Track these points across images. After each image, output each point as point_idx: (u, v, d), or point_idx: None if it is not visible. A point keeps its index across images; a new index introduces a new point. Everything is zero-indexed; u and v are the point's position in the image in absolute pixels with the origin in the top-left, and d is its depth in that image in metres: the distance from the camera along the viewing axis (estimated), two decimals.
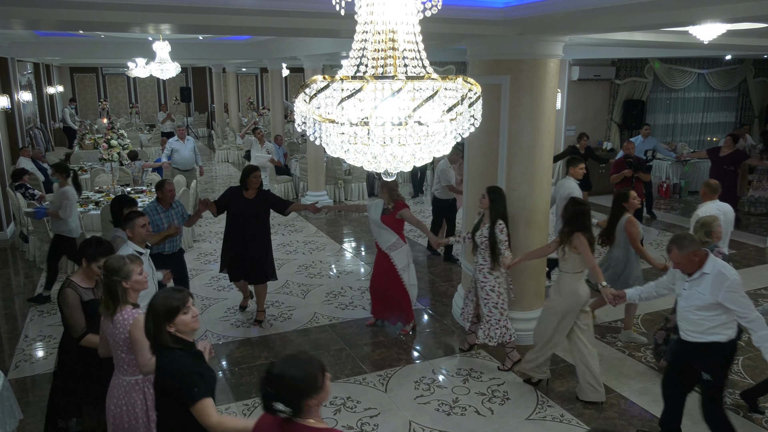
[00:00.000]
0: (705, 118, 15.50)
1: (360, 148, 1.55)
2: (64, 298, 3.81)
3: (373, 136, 1.49)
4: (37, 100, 17.56)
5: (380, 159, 1.55)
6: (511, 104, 5.74)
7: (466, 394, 5.19)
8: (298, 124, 1.63)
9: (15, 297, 7.53)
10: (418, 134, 1.49)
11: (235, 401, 5.09)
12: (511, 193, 5.90)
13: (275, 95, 14.63)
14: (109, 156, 9.30)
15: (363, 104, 1.46)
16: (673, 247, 3.97)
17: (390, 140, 1.48)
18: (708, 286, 3.90)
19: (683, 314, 4.10)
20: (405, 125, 1.46)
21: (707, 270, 3.93)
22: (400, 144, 1.49)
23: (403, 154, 1.53)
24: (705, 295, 3.91)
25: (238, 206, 6.35)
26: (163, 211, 5.87)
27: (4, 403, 3.91)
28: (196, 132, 25.58)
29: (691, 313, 4.02)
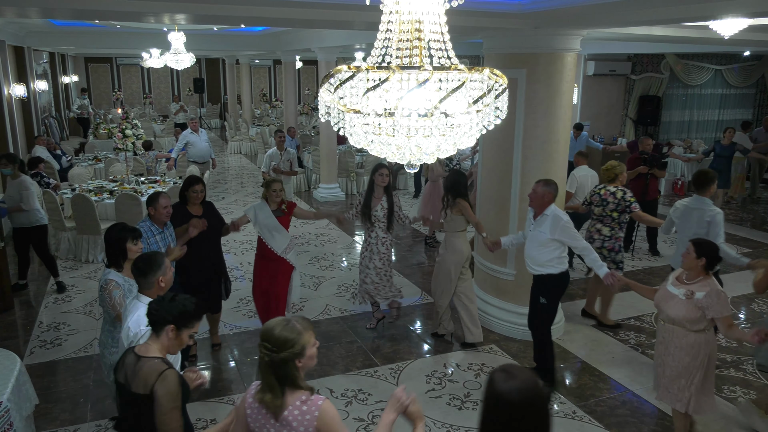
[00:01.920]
0: (721, 115, 15.34)
1: (384, 140, 1.53)
2: (166, 386, 2.62)
3: (398, 127, 1.47)
4: (52, 90, 17.69)
5: (404, 150, 1.54)
6: (527, 98, 5.70)
7: (478, 389, 5.18)
8: (322, 114, 1.62)
9: (30, 283, 7.61)
10: (443, 126, 1.48)
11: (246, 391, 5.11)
12: (525, 187, 5.86)
13: (288, 87, 14.64)
14: (123, 146, 9.35)
15: (388, 95, 1.45)
16: (540, 183, 4.95)
17: (415, 131, 1.47)
18: (548, 226, 4.86)
19: (528, 251, 5.07)
20: (430, 116, 1.45)
21: (548, 213, 4.90)
22: (424, 135, 1.48)
23: (427, 146, 1.52)
24: (545, 233, 4.87)
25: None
26: (158, 231, 4.83)
27: (21, 387, 3.95)
28: (208, 123, 25.68)
29: (533, 250, 5.00)
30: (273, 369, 2.34)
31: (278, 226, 5.67)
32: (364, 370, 5.49)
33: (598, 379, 5.37)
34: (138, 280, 3.35)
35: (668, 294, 4.07)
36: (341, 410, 4.82)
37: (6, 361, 4.05)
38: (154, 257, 3.37)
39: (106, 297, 3.80)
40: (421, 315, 6.66)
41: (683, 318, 3.94)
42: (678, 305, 3.96)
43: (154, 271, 3.29)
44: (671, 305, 4.01)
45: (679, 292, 3.99)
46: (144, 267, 3.31)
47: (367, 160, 13.15)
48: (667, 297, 4.07)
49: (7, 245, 6.88)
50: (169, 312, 2.71)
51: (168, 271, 3.37)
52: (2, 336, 6.12)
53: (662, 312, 4.12)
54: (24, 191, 6.97)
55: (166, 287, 3.35)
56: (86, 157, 12.92)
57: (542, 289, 5.04)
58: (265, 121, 20.89)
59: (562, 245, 4.89)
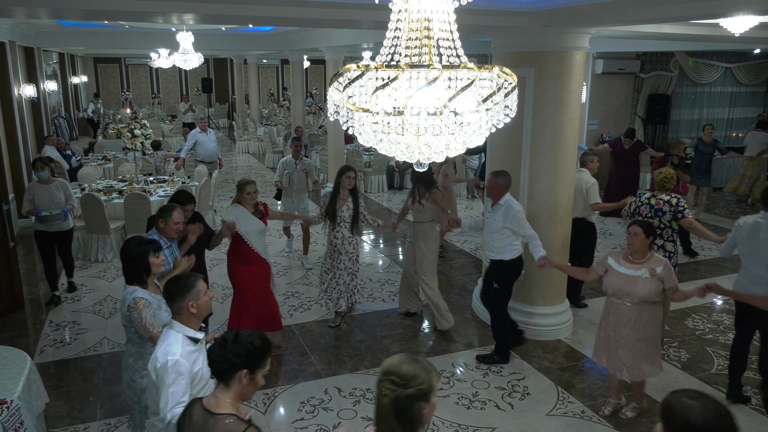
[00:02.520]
0: (731, 114, 15.21)
1: (393, 138, 1.53)
2: None
3: (407, 126, 1.47)
4: (61, 90, 17.79)
5: (413, 149, 1.53)
6: (535, 97, 5.68)
7: (486, 389, 5.17)
8: (330, 113, 1.61)
9: (39, 283, 7.66)
10: (452, 124, 1.47)
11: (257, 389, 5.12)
12: (533, 186, 5.85)
13: (296, 87, 14.66)
14: (132, 145, 9.39)
15: (397, 93, 1.44)
16: (492, 174, 5.36)
17: (424, 130, 1.46)
18: (501, 215, 5.21)
19: (485, 237, 5.44)
20: (440, 115, 1.44)
21: (502, 202, 5.24)
22: (434, 134, 1.47)
23: (437, 145, 1.52)
24: (498, 221, 5.22)
25: None
26: (166, 245, 4.44)
27: (32, 386, 3.98)
28: (216, 123, 25.76)
29: (489, 236, 5.35)
30: (396, 409, 2.03)
31: (263, 228, 5.65)
32: (372, 369, 5.48)
33: (606, 379, 5.33)
34: (168, 304, 3.04)
35: (630, 277, 4.29)
36: (349, 409, 4.82)
37: (17, 359, 4.07)
38: (185, 280, 3.01)
39: (135, 317, 3.43)
40: (428, 315, 6.65)
41: (652, 294, 4.23)
42: (645, 284, 4.22)
43: (183, 295, 2.93)
44: (638, 286, 4.24)
45: (642, 272, 4.25)
46: (174, 290, 2.97)
47: (374, 159, 13.15)
48: (630, 279, 4.28)
49: (17, 245, 6.88)
50: (236, 355, 2.33)
51: (201, 295, 2.98)
52: (13, 335, 6.16)
53: (629, 295, 4.29)
54: (68, 191, 6.94)
55: (199, 314, 3.00)
56: (95, 157, 12.99)
57: (495, 275, 5.43)
58: (272, 120, 20.93)
59: (513, 233, 5.24)
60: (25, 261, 8.52)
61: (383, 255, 8.85)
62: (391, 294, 7.18)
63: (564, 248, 6.05)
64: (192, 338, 2.94)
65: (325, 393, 5.07)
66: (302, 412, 4.78)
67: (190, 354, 2.88)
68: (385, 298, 7.10)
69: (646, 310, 4.30)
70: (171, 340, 2.89)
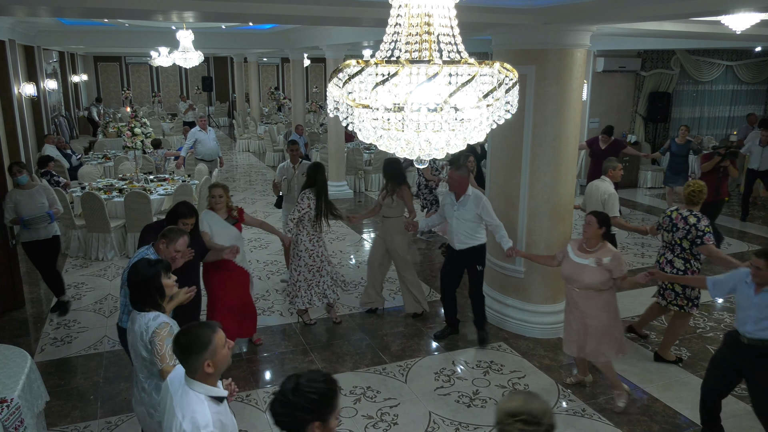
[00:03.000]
0: (732, 112, 15.18)
1: (393, 134, 1.51)
2: None
3: (407, 122, 1.46)
4: (62, 89, 17.79)
5: (414, 145, 1.52)
6: (537, 95, 5.66)
7: (487, 387, 5.16)
8: (330, 110, 1.60)
9: (40, 282, 7.64)
10: (453, 120, 1.46)
11: (256, 388, 5.12)
12: (534, 184, 5.84)
13: (296, 85, 14.64)
14: (132, 144, 9.39)
15: (397, 89, 1.43)
16: (453, 169, 5.67)
17: (425, 126, 1.45)
18: (472, 203, 5.51)
19: (457, 230, 5.63)
20: (440, 111, 1.43)
21: (469, 193, 5.56)
22: (434, 130, 1.46)
23: (437, 141, 1.50)
24: (471, 210, 5.52)
25: None
26: None
27: (32, 384, 3.98)
28: (217, 122, 25.74)
29: (461, 226, 5.59)
30: None
31: (238, 234, 5.41)
32: (372, 367, 5.48)
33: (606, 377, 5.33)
34: (180, 360, 2.58)
35: (578, 265, 4.58)
36: (350, 407, 4.81)
37: (17, 358, 4.07)
38: (199, 333, 2.52)
39: (157, 344, 3.10)
40: (429, 313, 6.64)
41: (597, 282, 4.50)
42: (592, 272, 4.51)
43: (198, 353, 2.49)
44: (585, 274, 4.53)
45: (590, 261, 4.52)
46: (186, 345, 2.50)
47: (375, 158, 13.14)
48: (579, 267, 4.57)
49: (18, 244, 6.85)
50: (303, 409, 2.05)
51: (219, 350, 2.53)
52: (14, 334, 6.16)
53: (576, 282, 4.60)
54: (51, 195, 6.55)
55: (217, 372, 2.55)
56: (96, 156, 12.98)
57: (478, 258, 5.75)
58: (273, 119, 20.92)
59: (481, 221, 5.58)
60: (25, 260, 8.51)
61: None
62: (392, 292, 7.17)
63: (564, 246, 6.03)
64: (216, 398, 2.55)
65: None
66: None
67: (218, 417, 2.50)
68: (386, 296, 7.09)
69: (595, 297, 4.55)
70: (195, 407, 2.46)
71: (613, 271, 4.49)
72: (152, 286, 3.23)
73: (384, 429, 4.55)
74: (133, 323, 3.27)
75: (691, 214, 5.21)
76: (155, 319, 3.19)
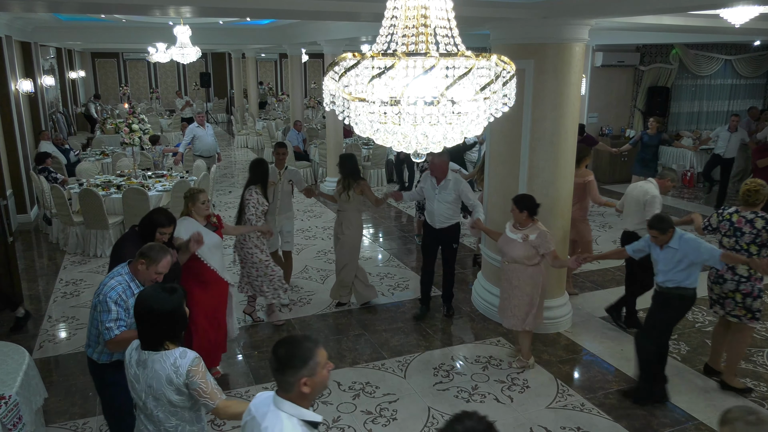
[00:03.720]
0: (731, 106, 15.16)
1: (390, 128, 1.50)
2: None
3: (404, 116, 1.44)
4: (59, 85, 17.73)
5: (410, 139, 1.51)
6: (535, 89, 5.64)
7: (486, 382, 5.17)
8: (326, 103, 1.59)
9: (38, 278, 7.65)
10: (450, 114, 1.45)
11: (255, 384, 5.12)
12: (533, 179, 5.83)
13: (294, 81, 14.60)
14: (130, 140, 9.36)
15: (394, 82, 1.42)
16: (435, 156, 5.84)
17: (421, 120, 1.44)
18: (452, 186, 5.94)
19: (438, 211, 6.02)
20: (437, 104, 1.42)
21: (449, 177, 5.95)
22: (431, 124, 1.45)
23: (434, 134, 1.49)
24: (452, 192, 5.94)
25: None
26: (138, 289, 3.37)
27: (30, 381, 3.97)
28: (215, 118, 25.69)
29: (443, 208, 5.99)
30: None
31: (219, 242, 5.02)
32: (371, 363, 5.48)
33: (606, 371, 5.34)
34: (275, 373, 2.30)
35: (509, 239, 5.12)
36: (349, 403, 4.82)
37: (15, 355, 4.06)
38: (301, 346, 2.23)
39: (200, 384, 2.71)
40: (434, 307, 6.63)
41: (523, 256, 5.01)
42: (518, 247, 5.03)
43: (297, 368, 2.19)
44: (512, 247, 5.06)
45: (517, 237, 5.05)
46: (286, 357, 2.21)
47: (374, 153, 13.12)
48: (509, 242, 5.11)
49: (16, 241, 6.83)
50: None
51: (320, 369, 2.24)
52: (12, 330, 6.14)
53: (506, 254, 5.15)
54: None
55: (312, 394, 2.25)
56: (93, 152, 12.95)
57: (454, 237, 6.20)
58: (271, 114, 20.88)
59: (459, 202, 6.08)
60: (24, 257, 8.51)
61: (382, 249, 8.83)
62: (391, 288, 7.17)
63: (564, 241, 6.03)
64: (311, 422, 2.26)
65: None
66: None
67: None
68: (385, 291, 7.09)
69: (522, 270, 5.07)
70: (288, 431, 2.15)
71: (539, 248, 4.97)
72: (177, 316, 2.78)
73: (383, 424, 4.55)
74: (147, 367, 2.72)
75: (756, 216, 4.75)
76: (183, 357, 2.71)
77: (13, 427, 3.52)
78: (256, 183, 6.04)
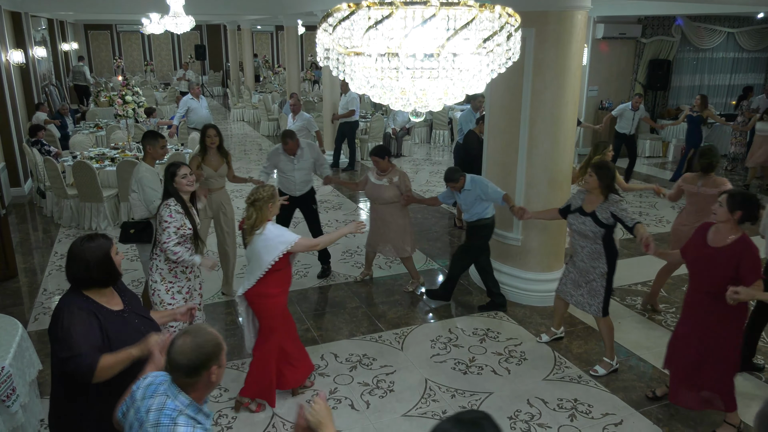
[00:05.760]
0: (733, 80, 15.00)
1: (387, 83, 1.42)
2: None
3: (401, 69, 1.36)
4: (51, 57, 17.45)
5: (409, 95, 1.43)
6: (536, 59, 5.53)
7: (483, 354, 5.15)
8: (320, 58, 1.51)
9: (33, 252, 7.59)
10: (450, 67, 1.37)
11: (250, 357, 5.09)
12: (532, 151, 5.75)
13: (291, 53, 14.39)
14: (124, 112, 9.22)
15: (391, 33, 1.34)
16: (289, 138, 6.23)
17: (420, 74, 1.36)
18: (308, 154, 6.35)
19: (299, 178, 6.34)
20: (437, 57, 1.34)
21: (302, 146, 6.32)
22: (430, 78, 1.37)
23: (434, 90, 1.41)
24: (309, 159, 6.35)
25: None
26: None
27: (24, 353, 3.93)
28: (211, 91, 25.40)
29: (303, 174, 6.34)
30: None
31: None
32: (368, 335, 5.46)
33: (603, 345, 5.32)
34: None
35: (376, 185, 6.03)
36: (346, 375, 4.80)
37: (8, 326, 4.01)
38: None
39: None
40: (425, 281, 6.60)
41: (393, 196, 5.98)
42: (387, 190, 5.98)
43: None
44: (382, 191, 5.99)
45: (383, 182, 5.99)
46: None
47: (371, 127, 12.98)
48: (376, 187, 6.03)
49: (10, 214, 6.76)
50: None
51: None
52: (7, 303, 6.11)
53: (378, 198, 6.05)
54: None
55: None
56: (87, 125, 12.79)
57: (312, 199, 6.61)
58: (267, 87, 20.64)
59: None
60: (18, 230, 8.44)
61: None
62: (388, 261, 7.12)
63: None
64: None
65: (321, 359, 5.05)
66: None
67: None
68: (382, 265, 7.05)
69: (393, 208, 6.03)
70: None
71: (400, 187, 5.98)
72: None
73: (380, 396, 4.54)
74: None
75: None
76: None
77: (6, 399, 3.49)
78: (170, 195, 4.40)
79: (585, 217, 4.59)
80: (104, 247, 2.73)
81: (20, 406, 3.61)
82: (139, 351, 2.61)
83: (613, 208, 4.48)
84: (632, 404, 4.45)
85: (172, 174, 4.35)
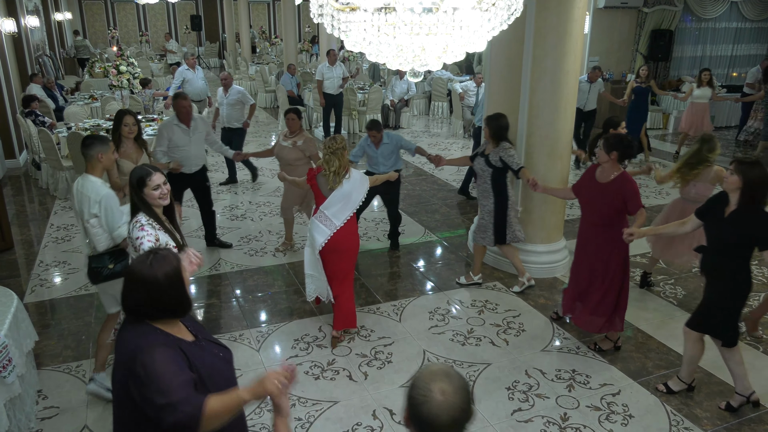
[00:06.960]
0: (735, 50, 14.81)
1: (384, 40, 1.36)
2: None
3: (399, 25, 1.30)
4: (45, 27, 17.16)
5: (407, 53, 1.37)
6: (536, 26, 5.41)
7: (481, 325, 5.15)
8: (313, 14, 1.44)
9: (30, 223, 7.54)
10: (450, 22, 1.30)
11: (248, 328, 5.09)
12: (533, 120, 5.67)
13: (288, 24, 14.16)
14: (118, 82, 9.08)
15: None
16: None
17: (419, 29, 1.29)
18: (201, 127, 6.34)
19: (194, 153, 6.27)
20: (436, 11, 1.27)
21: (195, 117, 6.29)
22: (429, 33, 1.30)
23: (433, 47, 1.35)
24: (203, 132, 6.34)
25: None
26: None
27: (20, 324, 3.91)
28: (207, 62, 25.07)
29: (200, 147, 6.38)
30: None
31: None
32: (366, 307, 5.45)
33: None
34: None
35: (282, 146, 6.39)
36: (344, 346, 4.80)
37: (3, 298, 3.98)
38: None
39: None
40: (424, 253, 6.58)
41: (294, 158, 6.32)
42: (291, 151, 6.34)
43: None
44: (286, 152, 6.34)
45: (289, 143, 6.34)
46: None
47: (369, 98, 12.84)
48: (282, 148, 6.38)
49: (5, 186, 6.69)
50: None
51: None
52: (3, 275, 6.08)
53: (282, 159, 6.38)
54: None
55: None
56: (82, 96, 12.63)
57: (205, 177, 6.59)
58: (264, 59, 20.37)
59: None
60: (14, 202, 8.38)
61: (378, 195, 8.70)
62: (385, 232, 7.08)
63: (563, 184, 5.91)
64: None
65: (319, 330, 5.04)
66: (296, 349, 4.76)
67: None
68: (379, 237, 7.02)
69: (294, 169, 6.16)
70: None
71: (305, 151, 6.31)
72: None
73: (378, 367, 4.54)
74: None
75: None
76: None
77: (2, 369, 3.47)
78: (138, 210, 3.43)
79: (481, 158, 5.42)
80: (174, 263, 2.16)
81: (17, 376, 3.60)
82: (252, 394, 2.09)
83: (503, 154, 5.27)
84: (630, 374, 4.46)
85: (140, 183, 3.33)
